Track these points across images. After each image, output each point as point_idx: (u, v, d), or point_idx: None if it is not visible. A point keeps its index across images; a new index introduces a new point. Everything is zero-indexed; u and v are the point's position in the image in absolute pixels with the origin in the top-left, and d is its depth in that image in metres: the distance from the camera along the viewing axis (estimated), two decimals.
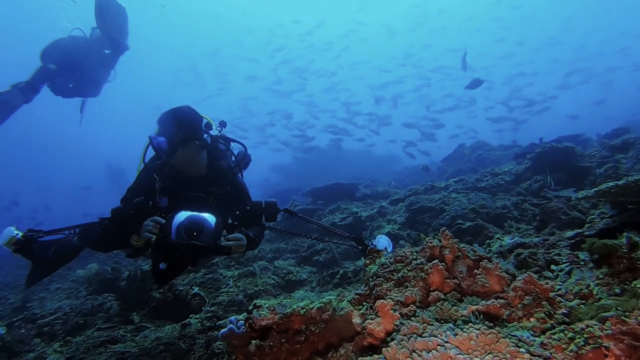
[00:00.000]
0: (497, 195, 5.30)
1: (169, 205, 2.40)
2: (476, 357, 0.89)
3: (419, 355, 0.93)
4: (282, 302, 1.78)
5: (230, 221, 2.72)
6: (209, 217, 2.16)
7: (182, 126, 2.51)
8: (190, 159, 2.54)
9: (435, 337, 0.99)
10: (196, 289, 4.45)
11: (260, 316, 1.69)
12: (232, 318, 1.83)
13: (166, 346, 2.88)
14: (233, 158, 2.88)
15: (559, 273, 2.02)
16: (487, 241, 3.43)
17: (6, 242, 2.24)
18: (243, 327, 1.76)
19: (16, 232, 2.25)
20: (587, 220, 3.02)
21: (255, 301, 1.77)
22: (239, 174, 2.85)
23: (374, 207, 5.99)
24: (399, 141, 18.35)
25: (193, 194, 2.55)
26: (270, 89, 26.55)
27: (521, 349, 0.90)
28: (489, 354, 0.90)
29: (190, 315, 3.83)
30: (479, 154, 10.08)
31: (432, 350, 0.94)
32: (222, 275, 4.90)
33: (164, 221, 2.17)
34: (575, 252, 2.30)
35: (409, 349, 0.96)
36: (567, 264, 2.11)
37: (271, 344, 1.59)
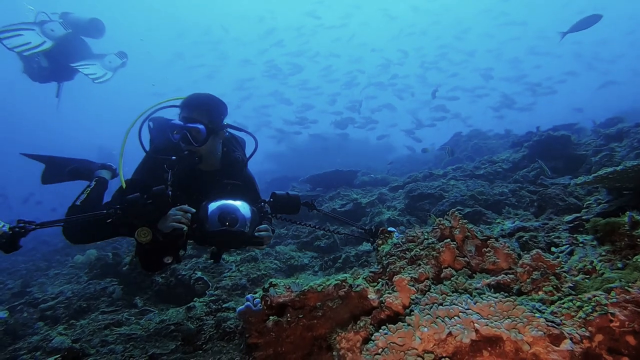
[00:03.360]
0: (494, 182, 5.41)
1: (182, 198, 2.28)
2: (496, 321, 0.97)
3: (442, 321, 1.00)
4: (296, 281, 1.86)
5: None
6: (242, 206, 2.12)
7: (216, 113, 2.41)
8: (214, 149, 2.46)
9: (456, 305, 1.07)
10: (199, 274, 4.52)
11: (276, 294, 1.77)
12: (248, 296, 1.90)
13: (176, 326, 2.96)
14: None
15: (560, 254, 2.12)
16: (487, 226, 3.53)
17: None
18: (259, 304, 1.83)
19: (2, 223, 1.94)
20: (584, 205, 3.13)
21: (270, 280, 1.85)
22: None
23: (374, 194, 6.08)
24: (397, 128, 18.39)
25: (213, 186, 2.44)
26: (266, 74, 26.16)
27: (536, 314, 0.98)
28: (507, 318, 0.98)
29: (195, 299, 3.91)
30: (475, 142, 10.20)
31: (454, 317, 1.02)
32: (225, 260, 4.97)
33: (194, 210, 2.12)
34: (574, 235, 2.40)
35: (432, 316, 1.04)
36: (567, 245, 2.21)
37: (289, 319, 1.67)
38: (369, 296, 1.56)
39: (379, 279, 1.64)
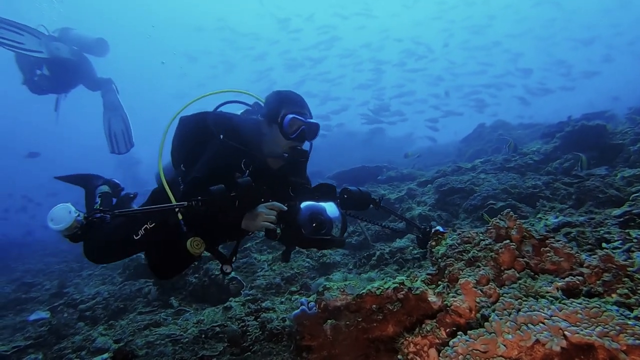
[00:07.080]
0: (526, 175, 5.30)
1: (267, 193, 2.08)
2: (586, 328, 0.95)
3: (527, 328, 0.99)
4: (349, 284, 1.86)
5: None
6: (331, 208, 2.05)
7: (307, 107, 2.28)
8: None
9: (538, 311, 1.05)
10: (233, 273, 4.57)
11: (332, 297, 1.78)
12: (303, 300, 1.92)
13: (221, 327, 3.00)
14: None
15: (614, 251, 2.06)
16: (527, 220, 3.46)
17: (68, 226, 1.72)
18: (314, 308, 1.85)
19: (76, 212, 1.74)
20: (630, 198, 3.04)
21: (324, 283, 1.86)
22: None
23: (402, 189, 6.04)
24: (420, 118, 18.15)
25: (282, 184, 2.28)
26: (286, 65, 25.98)
27: (630, 322, 0.96)
28: (598, 326, 0.96)
29: (230, 299, 3.96)
30: (500, 133, 10.01)
31: (539, 324, 1.00)
32: (257, 259, 5.02)
33: (285, 208, 1.94)
34: (626, 230, 2.33)
35: (515, 323, 1.02)
36: (620, 241, 2.15)
37: (347, 322, 1.68)
38: (429, 299, 1.55)
39: (438, 282, 1.63)
